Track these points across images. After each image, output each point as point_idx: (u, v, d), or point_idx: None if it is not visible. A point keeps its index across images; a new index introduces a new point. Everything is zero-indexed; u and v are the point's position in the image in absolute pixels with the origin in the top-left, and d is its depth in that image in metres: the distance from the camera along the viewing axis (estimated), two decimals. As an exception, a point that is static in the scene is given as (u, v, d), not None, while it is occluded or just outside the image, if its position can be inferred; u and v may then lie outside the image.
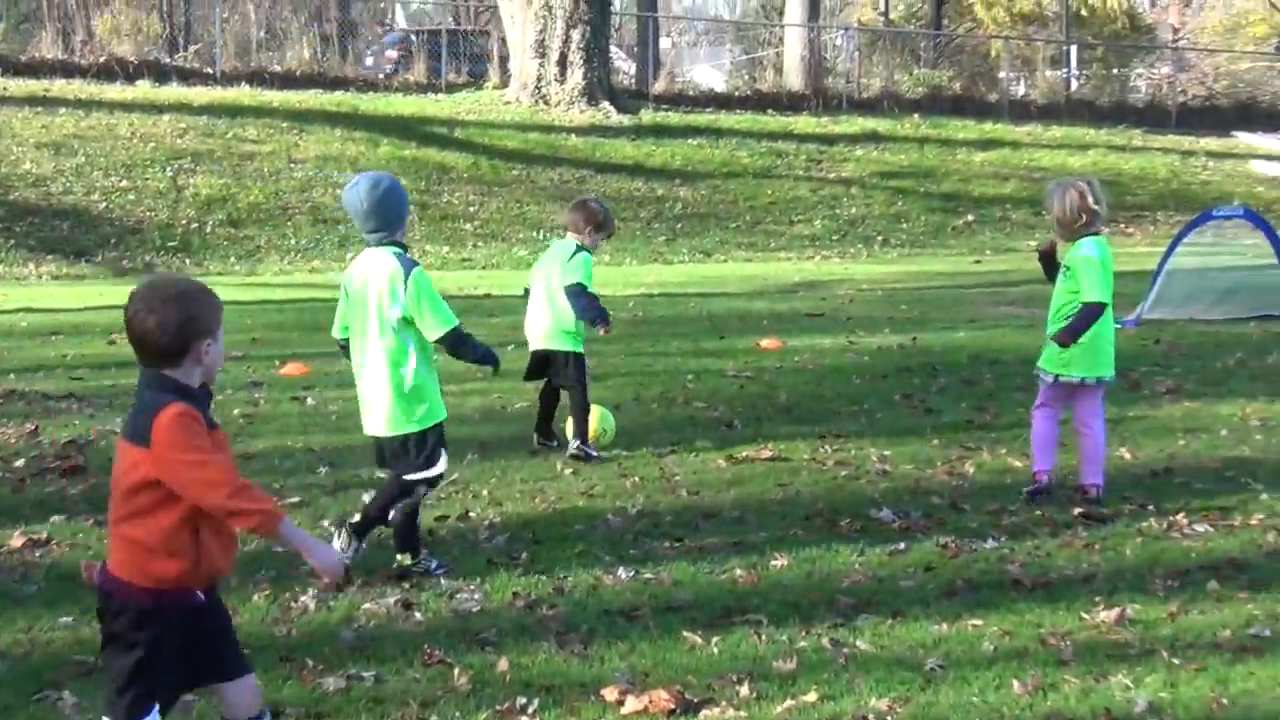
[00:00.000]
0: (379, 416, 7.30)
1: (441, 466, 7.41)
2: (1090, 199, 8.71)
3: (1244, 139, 44.03)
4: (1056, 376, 8.77)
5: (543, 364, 10.16)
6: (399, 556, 7.29)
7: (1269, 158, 41.42)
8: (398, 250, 7.29)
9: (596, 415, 10.11)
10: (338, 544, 7.21)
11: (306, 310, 18.53)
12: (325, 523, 7.90)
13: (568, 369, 10.00)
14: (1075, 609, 6.62)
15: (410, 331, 7.22)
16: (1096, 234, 8.82)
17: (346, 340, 7.49)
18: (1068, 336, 8.46)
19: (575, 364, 10.00)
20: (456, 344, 7.36)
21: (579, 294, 9.80)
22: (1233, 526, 7.98)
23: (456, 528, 8.07)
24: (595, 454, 9.81)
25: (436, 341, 7.29)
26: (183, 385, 4.52)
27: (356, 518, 7.40)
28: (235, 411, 11.47)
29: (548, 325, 10.00)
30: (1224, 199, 33.06)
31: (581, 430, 9.87)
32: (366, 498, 7.96)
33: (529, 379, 10.34)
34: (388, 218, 7.25)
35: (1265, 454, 9.83)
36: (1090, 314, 8.46)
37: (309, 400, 12.06)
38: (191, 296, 4.56)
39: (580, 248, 10.03)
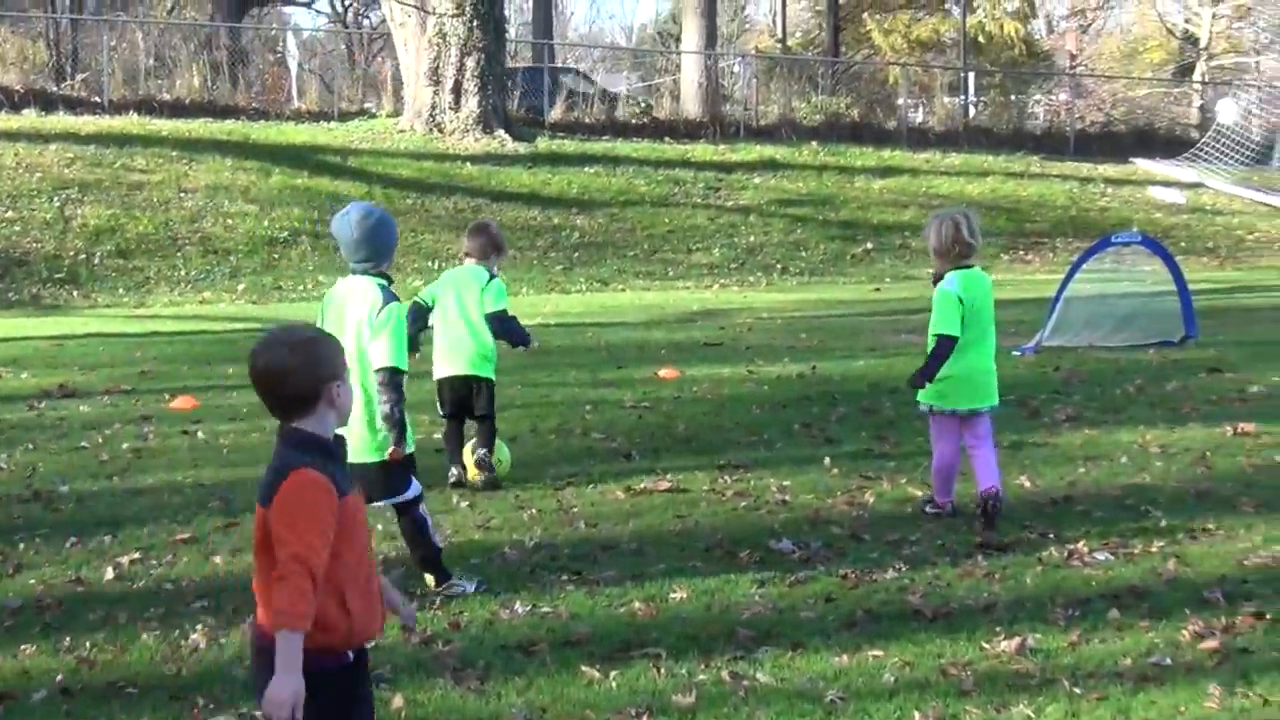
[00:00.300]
0: (353, 444, 6.84)
1: (415, 489, 7.62)
2: (964, 231, 8.88)
3: (1142, 165, 44.57)
4: (930, 407, 9.00)
5: (464, 397, 10.03)
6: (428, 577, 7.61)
7: (1166, 184, 41.97)
8: (381, 281, 7.47)
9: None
10: (430, 581, 7.57)
11: (197, 342, 18.40)
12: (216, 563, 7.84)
13: (482, 396, 10.01)
14: (976, 639, 6.67)
15: None
16: (968, 266, 8.98)
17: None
18: (919, 379, 8.78)
19: (490, 391, 10.06)
20: (390, 385, 7.38)
21: (506, 319, 9.93)
22: (1133, 554, 8.06)
23: (350, 563, 8.02)
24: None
25: (376, 370, 7.33)
26: (320, 440, 4.48)
27: (429, 580, 7.60)
28: (124, 446, 11.38)
29: (472, 352, 9.94)
30: (1122, 225, 33.39)
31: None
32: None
33: (451, 417, 10.18)
34: (377, 248, 7.47)
35: (1165, 481, 9.94)
36: (938, 348, 8.74)
37: (199, 434, 11.97)
38: (314, 340, 4.57)
39: (490, 273, 10.06)
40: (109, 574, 7.81)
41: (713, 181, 35.27)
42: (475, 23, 34.28)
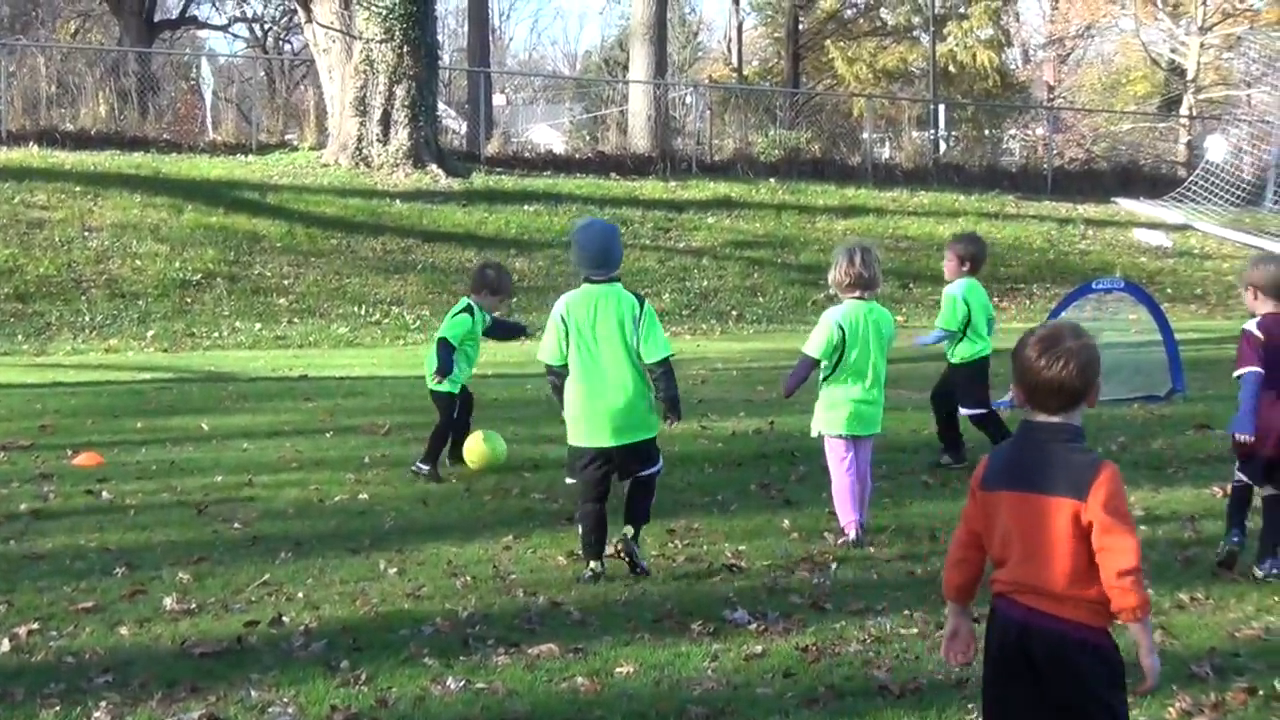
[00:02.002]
0: (623, 428, 9.27)
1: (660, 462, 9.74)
2: (858, 264, 10.33)
3: (1125, 205, 44.85)
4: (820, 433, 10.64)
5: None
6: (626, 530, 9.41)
7: (1151, 226, 42.25)
8: (621, 286, 9.50)
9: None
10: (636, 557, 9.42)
11: (103, 394, 18.32)
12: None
13: None
14: (947, 717, 6.69)
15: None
16: (861, 299, 10.41)
17: (562, 367, 9.42)
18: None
19: None
20: (670, 370, 9.46)
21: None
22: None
23: (268, 634, 7.99)
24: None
25: (657, 360, 9.37)
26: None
27: (628, 531, 9.39)
28: (22, 506, 11.32)
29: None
30: (1104, 270, 33.68)
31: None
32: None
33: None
34: (614, 259, 9.54)
35: (1150, 547, 9.96)
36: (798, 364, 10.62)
37: (104, 494, 11.91)
38: (1090, 337, 5.29)
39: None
40: (4, 646, 7.76)
41: (663, 221, 35.34)
42: (405, 49, 34.36)
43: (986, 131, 56.30)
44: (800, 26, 62.01)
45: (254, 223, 30.22)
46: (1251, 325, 9.32)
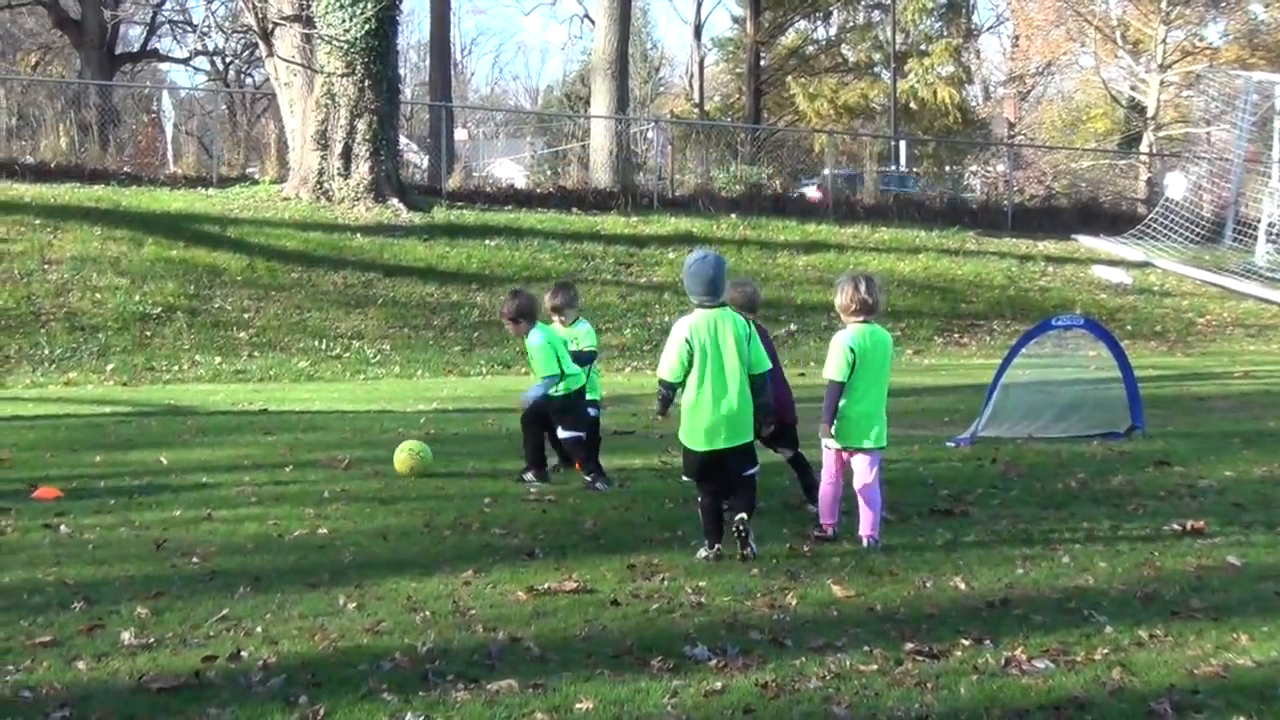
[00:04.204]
0: (737, 431, 10.75)
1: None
2: (862, 290, 11.47)
3: (1085, 242, 45.11)
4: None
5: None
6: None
7: (1111, 263, 42.47)
8: (730, 309, 10.93)
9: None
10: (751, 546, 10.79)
11: (62, 427, 18.26)
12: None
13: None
14: (906, 753, 6.69)
15: None
16: (865, 322, 11.54)
17: (680, 383, 10.82)
18: (825, 420, 11.71)
19: None
20: (764, 383, 10.94)
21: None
22: (1075, 662, 8.10)
23: (227, 668, 7.95)
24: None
25: (762, 372, 10.86)
26: None
27: (743, 516, 10.79)
28: (-23, 541, 11.26)
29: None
30: (1064, 307, 33.90)
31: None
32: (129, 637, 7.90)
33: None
34: (722, 287, 10.85)
35: (1109, 583, 10.01)
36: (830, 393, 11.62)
37: (63, 528, 11.85)
38: None
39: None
40: (-41, 682, 7.73)
41: (624, 256, 35.45)
42: (367, 83, 34.44)
43: (947, 168, 56.57)
44: (762, 62, 62.27)
45: (214, 256, 30.20)
46: None
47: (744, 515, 10.78)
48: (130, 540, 11.34)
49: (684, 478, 11.65)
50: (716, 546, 10.82)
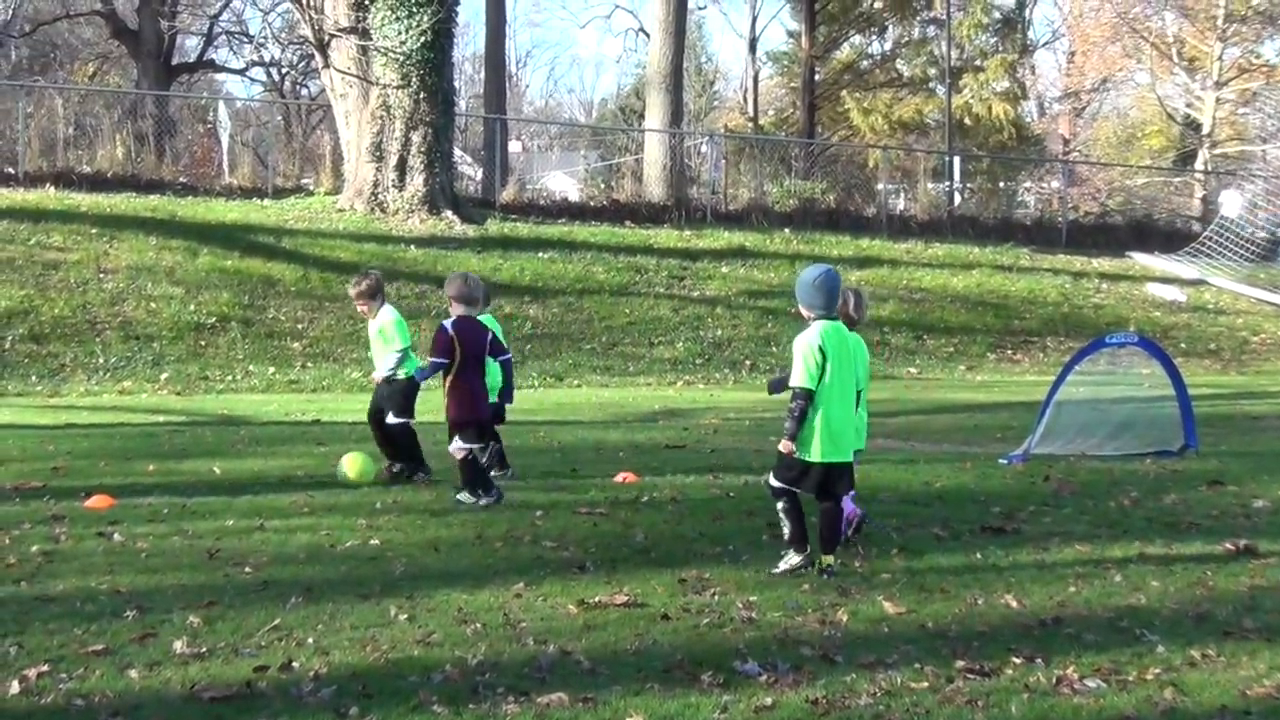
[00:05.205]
0: (851, 444, 11.12)
1: None
2: (850, 306, 12.27)
3: (1139, 259, 44.92)
4: None
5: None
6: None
7: (1165, 280, 42.27)
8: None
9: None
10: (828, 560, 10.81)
11: (116, 436, 18.33)
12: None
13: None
14: (956, 771, 6.67)
15: None
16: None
17: (813, 391, 10.72)
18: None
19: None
20: (861, 395, 11.32)
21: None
22: (1127, 682, 8.06)
23: (278, 679, 7.97)
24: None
25: (860, 389, 11.30)
26: None
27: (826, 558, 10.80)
28: (33, 548, 11.29)
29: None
30: (1118, 325, 33.71)
31: None
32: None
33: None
34: (837, 300, 11.25)
35: (1162, 603, 9.96)
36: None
37: (116, 536, 11.88)
38: None
39: None
40: (14, 688, 7.74)
41: (677, 270, 35.42)
42: (422, 95, 34.54)
43: (1002, 184, 56.45)
44: (816, 77, 62.12)
45: (269, 266, 30.30)
46: None
47: (830, 561, 10.84)
48: (183, 549, 11.37)
49: (771, 483, 11.14)
50: (807, 549, 10.87)
